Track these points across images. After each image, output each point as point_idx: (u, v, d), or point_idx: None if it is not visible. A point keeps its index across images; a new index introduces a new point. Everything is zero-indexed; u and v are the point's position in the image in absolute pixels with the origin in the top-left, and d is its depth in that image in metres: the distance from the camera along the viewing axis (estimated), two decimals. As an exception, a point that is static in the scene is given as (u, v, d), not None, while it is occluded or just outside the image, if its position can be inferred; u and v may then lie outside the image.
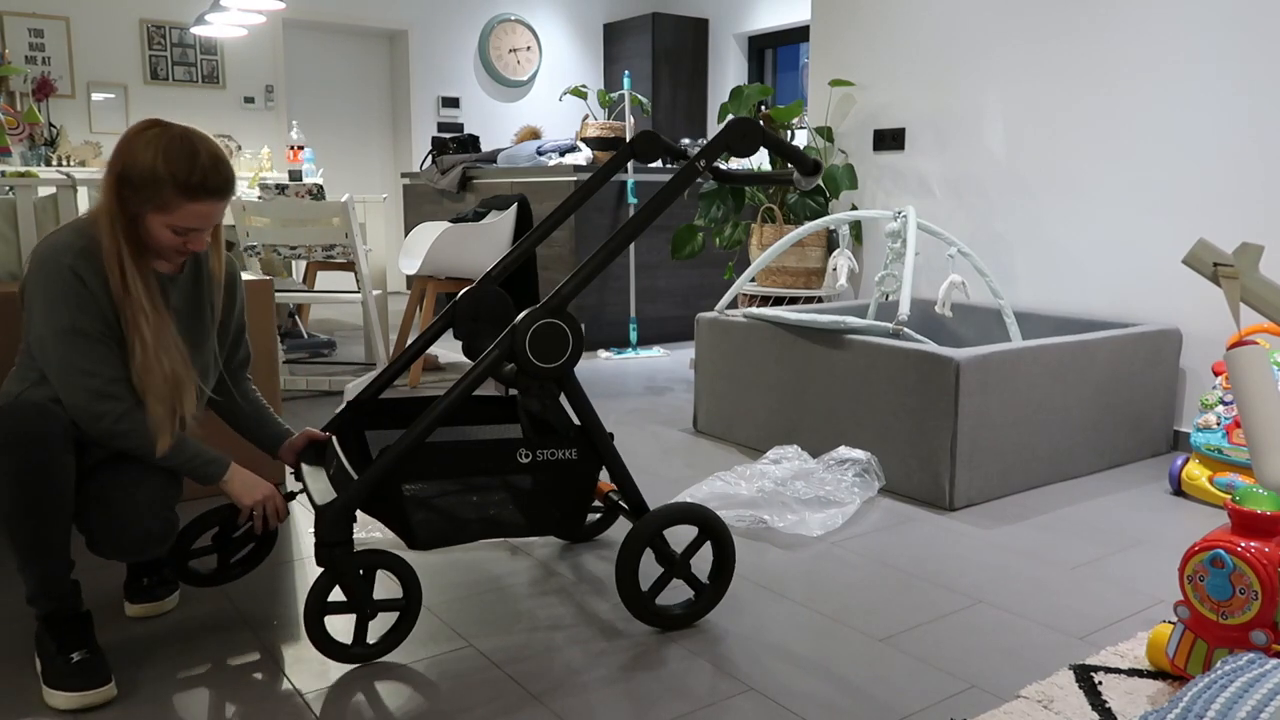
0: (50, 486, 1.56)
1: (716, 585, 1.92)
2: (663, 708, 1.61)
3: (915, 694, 1.66)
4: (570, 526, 1.89)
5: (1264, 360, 1.48)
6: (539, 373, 1.79)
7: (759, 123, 1.95)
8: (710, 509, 1.90)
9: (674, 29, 8.40)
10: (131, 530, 1.64)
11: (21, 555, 1.60)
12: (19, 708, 1.59)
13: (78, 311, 1.61)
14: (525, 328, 1.76)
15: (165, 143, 1.61)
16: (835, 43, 4.19)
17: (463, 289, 2.19)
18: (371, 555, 1.71)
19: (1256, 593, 1.53)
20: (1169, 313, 3.21)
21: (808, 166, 2.04)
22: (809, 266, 3.93)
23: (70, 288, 1.61)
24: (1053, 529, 2.47)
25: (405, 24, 7.96)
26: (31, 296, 1.63)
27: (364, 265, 4.04)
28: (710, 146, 1.92)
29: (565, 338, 1.79)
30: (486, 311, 2.14)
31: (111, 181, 1.62)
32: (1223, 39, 3.00)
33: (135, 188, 1.61)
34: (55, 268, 1.61)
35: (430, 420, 1.72)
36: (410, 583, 1.74)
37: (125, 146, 1.62)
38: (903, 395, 2.67)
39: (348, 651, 1.71)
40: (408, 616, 1.76)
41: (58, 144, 6.19)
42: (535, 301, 2.16)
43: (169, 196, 1.61)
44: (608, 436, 1.87)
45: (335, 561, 1.66)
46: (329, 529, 1.65)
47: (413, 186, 6.49)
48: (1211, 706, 1.22)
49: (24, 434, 1.55)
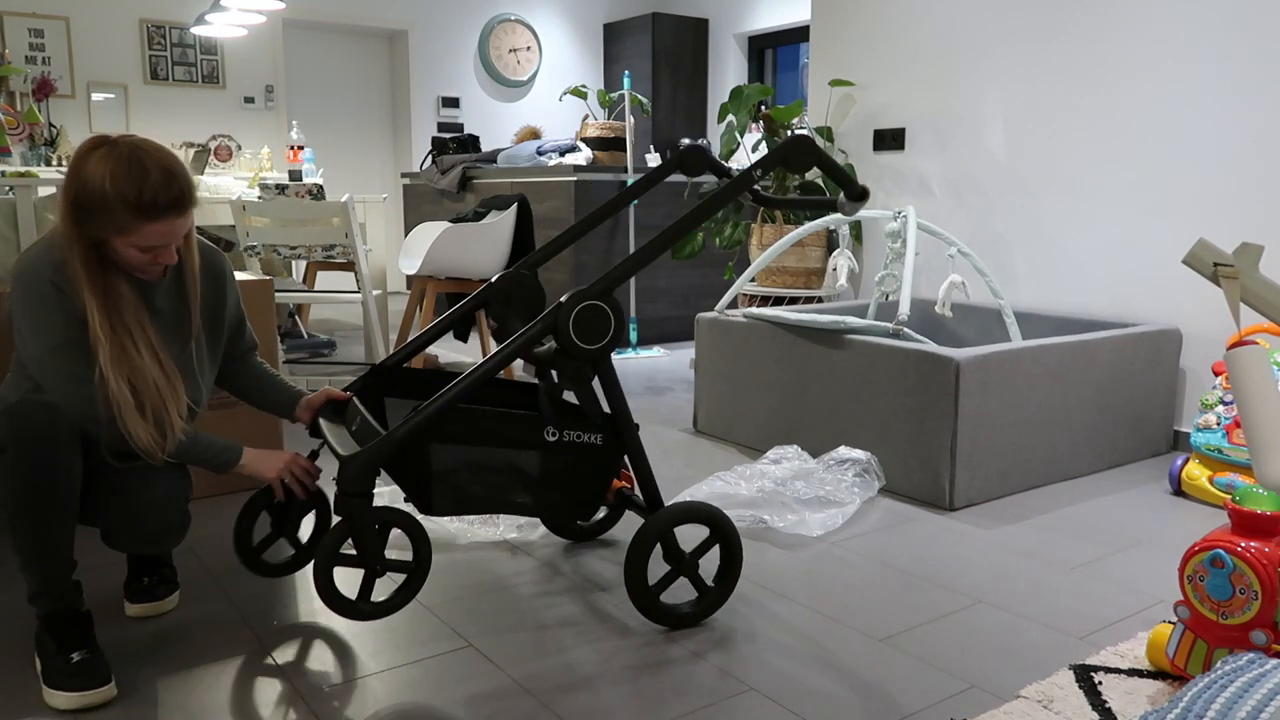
0: (56, 486, 1.57)
1: (722, 587, 1.93)
2: (663, 707, 1.61)
3: (915, 694, 1.66)
4: (581, 513, 1.91)
5: (1264, 360, 1.48)
6: (578, 353, 1.82)
7: (814, 142, 1.98)
8: (723, 512, 1.91)
9: (674, 29, 8.40)
10: (152, 522, 1.67)
11: (24, 554, 1.60)
12: (19, 708, 1.59)
13: (65, 325, 1.61)
14: (571, 307, 1.80)
15: (113, 164, 1.56)
16: (835, 43, 4.19)
17: (462, 289, 2.19)
18: (389, 511, 1.71)
19: (1256, 593, 1.53)
20: (1169, 313, 3.21)
21: (856, 192, 2.08)
22: (809, 266, 3.93)
23: (54, 302, 1.60)
24: (1053, 529, 2.47)
25: (405, 24, 7.96)
26: (18, 318, 1.62)
27: (364, 265, 4.04)
28: (766, 160, 1.97)
29: (608, 321, 1.83)
30: (519, 296, 2.16)
31: (66, 209, 1.58)
32: (1223, 39, 3.00)
33: (90, 213, 1.57)
34: (35, 285, 1.61)
35: (467, 383, 1.74)
36: (422, 545, 1.74)
37: (74, 171, 1.58)
38: (903, 395, 2.67)
39: (354, 607, 1.71)
40: (416, 579, 1.75)
41: (58, 144, 6.19)
42: (539, 299, 2.19)
43: (125, 219, 1.57)
44: (634, 426, 1.89)
45: (355, 512, 1.66)
46: (353, 479, 1.66)
47: (413, 186, 6.49)
48: (1211, 706, 1.22)
49: (31, 433, 1.55)
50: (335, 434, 1.84)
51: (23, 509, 1.56)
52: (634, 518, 2.52)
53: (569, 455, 1.85)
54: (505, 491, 1.83)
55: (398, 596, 1.75)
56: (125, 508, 1.68)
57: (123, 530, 1.69)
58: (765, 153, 1.95)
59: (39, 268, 1.61)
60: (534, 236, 4.35)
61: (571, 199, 5.08)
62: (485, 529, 2.42)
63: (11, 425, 1.55)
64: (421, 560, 1.75)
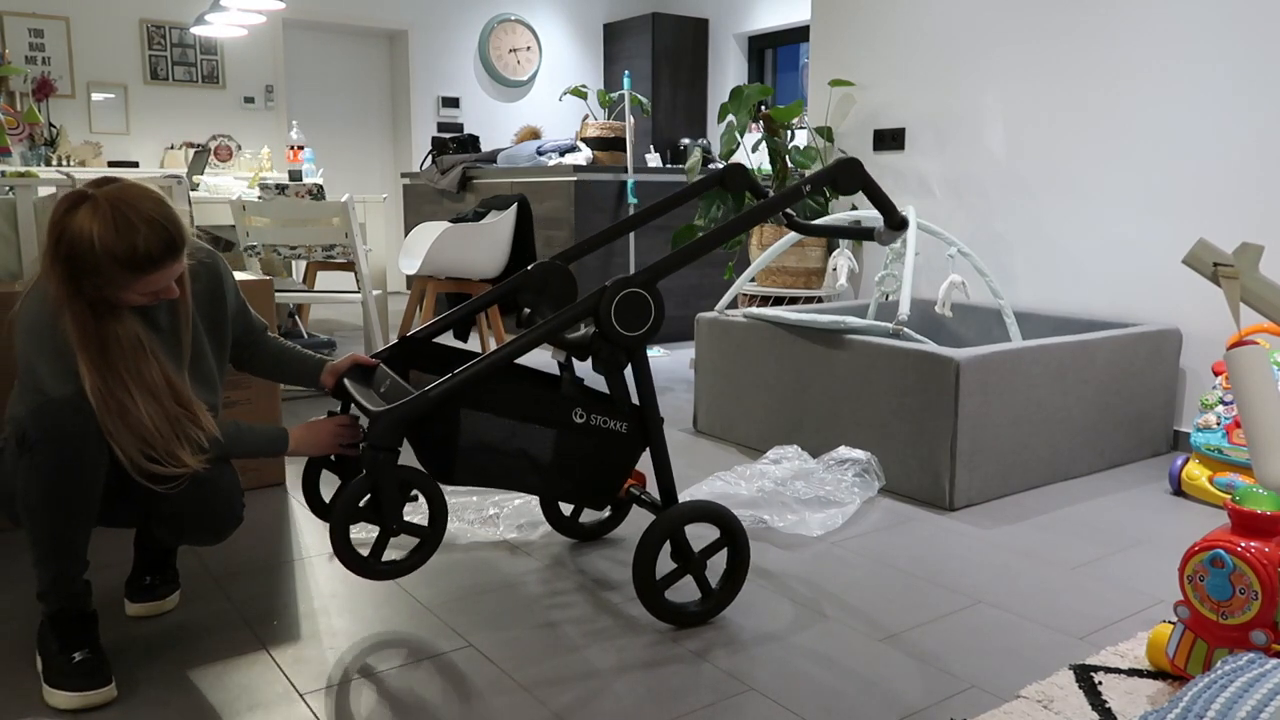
0: (82, 484, 1.57)
1: (728, 588, 1.93)
2: (663, 707, 1.61)
3: (915, 694, 1.66)
4: (595, 501, 1.93)
5: (1264, 360, 1.48)
6: (617, 338, 1.83)
7: (863, 166, 2.04)
8: (736, 515, 1.92)
9: (674, 29, 8.40)
10: (226, 511, 1.73)
11: (39, 550, 1.60)
12: (19, 708, 1.59)
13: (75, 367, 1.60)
14: (615, 292, 1.81)
15: (99, 226, 1.52)
16: (835, 43, 4.19)
17: (462, 289, 2.20)
18: (413, 472, 1.71)
19: (1256, 593, 1.53)
20: (1169, 313, 3.21)
21: (896, 221, 2.11)
22: (809, 266, 3.93)
23: (66, 350, 1.58)
24: (1053, 529, 2.47)
25: (405, 24, 7.96)
26: (36, 365, 1.61)
27: (364, 265, 4.04)
28: (817, 178, 2.01)
29: (649, 311, 1.85)
30: (552, 287, 2.17)
31: (60, 271, 1.54)
32: (1223, 39, 3.00)
33: (83, 274, 1.55)
34: (44, 330, 1.59)
35: (504, 353, 1.76)
36: (439, 508, 1.74)
37: (58, 232, 1.54)
38: (903, 395, 2.67)
39: (367, 565, 1.70)
40: (430, 543, 1.75)
41: (58, 144, 6.19)
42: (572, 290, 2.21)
43: (120, 277, 1.56)
44: (660, 420, 1.90)
45: (380, 467, 1.66)
46: (384, 434, 1.66)
47: (413, 186, 6.49)
48: (1211, 706, 1.22)
49: (61, 431, 1.55)
50: (364, 394, 1.85)
51: (46, 506, 1.56)
52: (636, 519, 2.52)
53: (593, 440, 1.86)
54: (526, 468, 1.84)
55: (412, 558, 1.74)
56: (194, 499, 1.69)
57: (192, 519, 1.72)
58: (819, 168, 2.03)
59: (45, 319, 1.59)
60: (534, 236, 4.35)
61: (571, 199, 5.08)
62: (485, 529, 2.42)
63: (41, 423, 1.55)
64: (438, 526, 1.75)
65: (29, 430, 1.55)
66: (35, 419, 1.56)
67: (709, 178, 2.29)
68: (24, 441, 1.55)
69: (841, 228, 2.26)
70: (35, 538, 1.59)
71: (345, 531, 1.66)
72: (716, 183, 2.27)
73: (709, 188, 2.29)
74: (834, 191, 2.05)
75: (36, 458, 1.54)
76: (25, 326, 1.63)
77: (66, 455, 1.55)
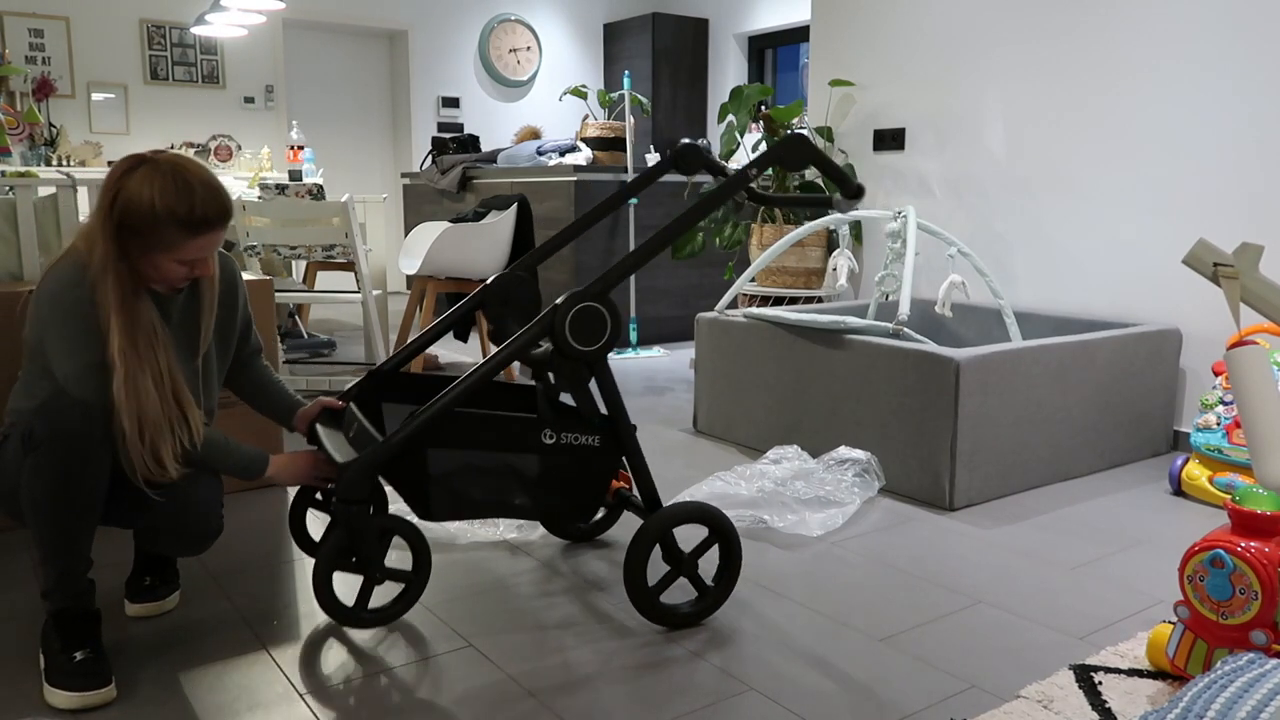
0: (86, 484, 1.58)
1: (722, 587, 1.92)
2: (663, 707, 1.61)
3: (915, 694, 1.66)
4: (580, 515, 1.91)
5: (1264, 360, 1.48)
6: (575, 354, 1.81)
7: (809, 140, 1.98)
8: (722, 511, 1.91)
9: (674, 29, 8.40)
10: (197, 526, 1.72)
11: (44, 550, 1.60)
12: (19, 708, 1.59)
13: (101, 344, 1.60)
14: (568, 308, 1.79)
15: (160, 183, 1.58)
16: (835, 43, 4.19)
17: (462, 289, 2.20)
18: (390, 519, 1.71)
19: (1256, 593, 1.53)
20: (1169, 313, 3.21)
21: (851, 190, 2.07)
22: (809, 266, 3.93)
23: (90, 321, 1.59)
24: (1053, 529, 2.47)
25: (405, 24, 7.96)
26: (53, 337, 1.61)
27: (364, 265, 4.04)
28: (762, 159, 1.95)
29: (604, 322, 1.82)
30: (516, 297, 2.16)
31: (110, 229, 1.58)
32: (1223, 39, 3.00)
33: (136, 232, 1.59)
34: (70, 304, 1.59)
35: (462, 388, 1.74)
36: (422, 553, 1.75)
37: (117, 190, 1.58)
38: (903, 395, 2.67)
39: (352, 614, 1.71)
40: (415, 587, 1.76)
41: (58, 144, 6.19)
42: (535, 301, 2.19)
43: (172, 236, 1.60)
44: (631, 428, 1.89)
45: (354, 520, 1.66)
46: (351, 486, 1.66)
47: (413, 186, 6.49)
48: (1211, 706, 1.22)
49: (67, 430, 1.55)
50: (333, 441, 1.84)
51: (51, 505, 1.56)
52: (634, 517, 2.52)
53: (567, 457, 1.84)
54: (504, 495, 1.82)
55: (396, 605, 1.75)
56: (169, 512, 1.70)
57: (167, 533, 1.72)
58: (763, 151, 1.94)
59: (69, 286, 1.59)
60: (534, 236, 4.35)
61: (571, 199, 5.08)
62: (485, 529, 2.42)
63: (47, 421, 1.55)
64: (421, 569, 1.75)
65: (35, 429, 1.55)
66: (42, 417, 1.56)
67: (662, 161, 2.24)
68: (30, 439, 1.55)
69: (801, 197, 2.22)
70: (40, 536, 1.59)
71: (328, 584, 1.66)
72: (670, 166, 2.24)
73: (664, 172, 2.24)
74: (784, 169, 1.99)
75: (42, 457, 1.55)
76: (50, 294, 1.61)
77: (72, 453, 1.55)
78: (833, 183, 2.07)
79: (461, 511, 1.80)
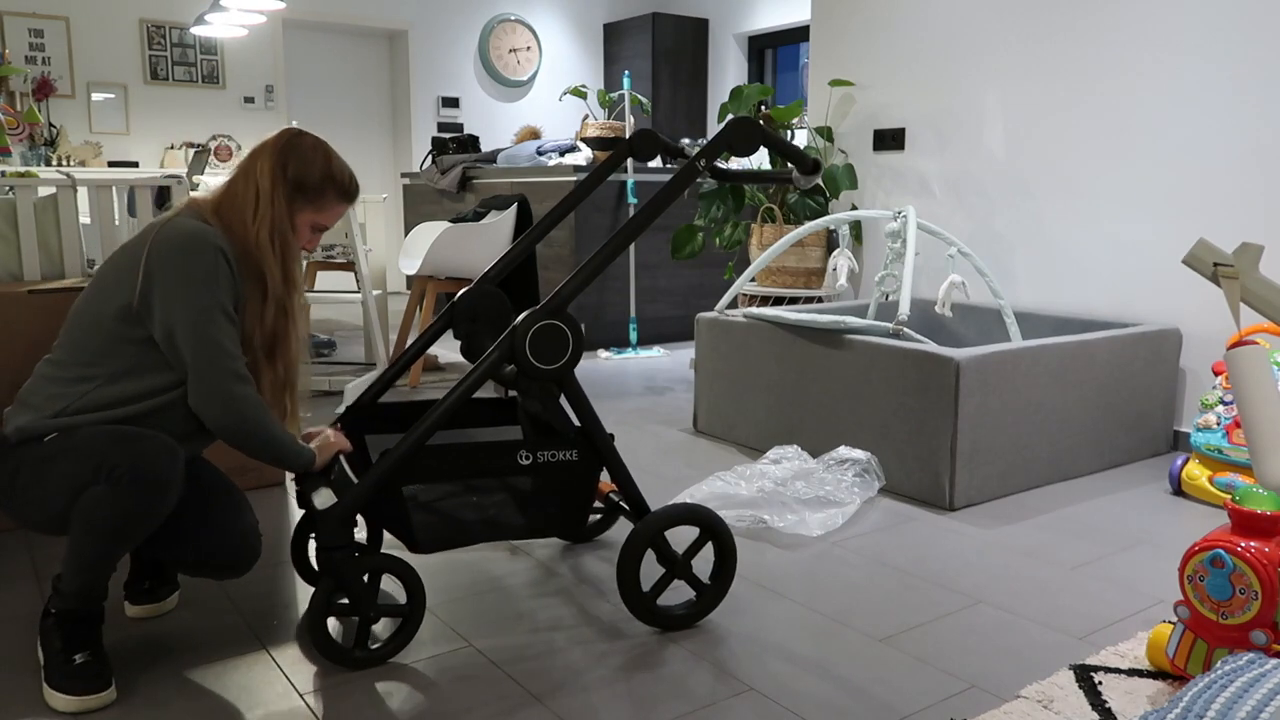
0: (148, 527, 1.58)
1: (717, 586, 1.92)
2: (663, 708, 1.61)
3: (915, 694, 1.66)
4: (571, 528, 1.89)
5: (1264, 360, 1.48)
6: (539, 374, 1.78)
7: (759, 122, 1.96)
8: (711, 510, 1.90)
9: (674, 29, 8.40)
10: (248, 553, 1.73)
11: (82, 564, 1.58)
12: (19, 708, 1.59)
13: (223, 292, 1.65)
14: (525, 329, 1.76)
15: (325, 151, 1.79)
16: (835, 43, 4.19)
17: (462, 289, 2.19)
18: (376, 559, 1.71)
19: (1256, 593, 1.53)
20: (1169, 313, 3.21)
21: (807, 166, 2.04)
22: (809, 266, 3.93)
23: (219, 268, 1.65)
24: (1053, 529, 2.47)
25: (405, 24, 7.96)
26: (168, 279, 1.62)
27: (364, 265, 4.04)
28: (710, 146, 1.92)
29: (565, 339, 1.79)
30: (484, 312, 2.14)
31: (285, 189, 1.74)
32: (1224, 39, 3.00)
33: (306, 191, 1.76)
34: (202, 248, 1.64)
35: (430, 423, 1.72)
36: (415, 587, 1.74)
37: (291, 154, 1.75)
38: (903, 395, 2.67)
39: (351, 656, 1.71)
40: (411, 621, 1.75)
41: (58, 144, 6.19)
42: (536, 302, 2.17)
43: (331, 199, 1.79)
44: (608, 437, 1.86)
45: (339, 566, 1.66)
46: (331, 534, 1.65)
47: (413, 186, 6.49)
48: (1211, 706, 1.22)
49: (153, 475, 1.55)
50: (314, 485, 1.82)
51: (110, 536, 1.55)
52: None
53: (547, 476, 1.82)
54: (489, 519, 1.80)
55: (394, 642, 1.75)
56: (223, 543, 1.70)
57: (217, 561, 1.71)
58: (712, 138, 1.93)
59: (204, 234, 1.66)
60: (534, 236, 4.34)
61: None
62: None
63: (133, 463, 1.54)
64: (416, 603, 1.74)
65: (120, 468, 1.53)
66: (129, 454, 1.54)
67: (617, 151, 2.22)
68: (112, 475, 1.53)
69: (762, 173, 2.21)
70: (80, 549, 1.57)
71: (323, 629, 1.65)
72: (627, 155, 2.22)
73: (620, 160, 2.22)
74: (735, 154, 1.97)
75: (121, 496, 1.53)
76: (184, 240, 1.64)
77: (152, 498, 1.55)
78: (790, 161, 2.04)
79: (449, 541, 1.78)
